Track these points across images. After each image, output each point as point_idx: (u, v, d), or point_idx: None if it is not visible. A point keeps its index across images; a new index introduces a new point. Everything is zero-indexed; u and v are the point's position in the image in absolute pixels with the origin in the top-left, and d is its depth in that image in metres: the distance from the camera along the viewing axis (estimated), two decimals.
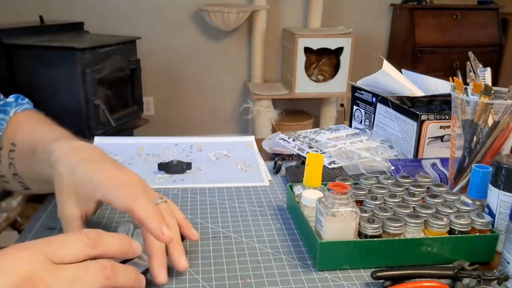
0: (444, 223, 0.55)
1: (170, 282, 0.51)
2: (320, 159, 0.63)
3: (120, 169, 0.53)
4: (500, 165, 0.55)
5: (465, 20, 3.01)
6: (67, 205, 0.52)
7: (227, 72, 3.13)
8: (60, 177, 0.52)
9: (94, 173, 0.51)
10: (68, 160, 0.52)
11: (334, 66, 2.89)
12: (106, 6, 2.84)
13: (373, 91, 0.93)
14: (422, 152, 0.81)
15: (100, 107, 2.13)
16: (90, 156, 0.54)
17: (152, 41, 2.89)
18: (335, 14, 3.12)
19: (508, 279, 0.50)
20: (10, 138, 0.64)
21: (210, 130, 3.20)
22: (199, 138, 0.98)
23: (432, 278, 0.51)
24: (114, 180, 0.50)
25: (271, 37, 3.05)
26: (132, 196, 0.48)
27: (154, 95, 3.06)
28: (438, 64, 2.98)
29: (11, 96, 0.69)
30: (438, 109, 0.84)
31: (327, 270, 0.54)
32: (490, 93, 0.62)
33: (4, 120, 0.66)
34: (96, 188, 0.50)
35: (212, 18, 2.77)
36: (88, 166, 0.52)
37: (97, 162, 0.53)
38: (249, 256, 0.57)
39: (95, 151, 0.56)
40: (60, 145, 0.55)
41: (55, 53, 2.07)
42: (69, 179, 0.51)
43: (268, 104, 2.86)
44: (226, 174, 0.81)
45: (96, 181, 0.50)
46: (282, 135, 0.94)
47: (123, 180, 0.51)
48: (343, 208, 0.53)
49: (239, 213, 0.68)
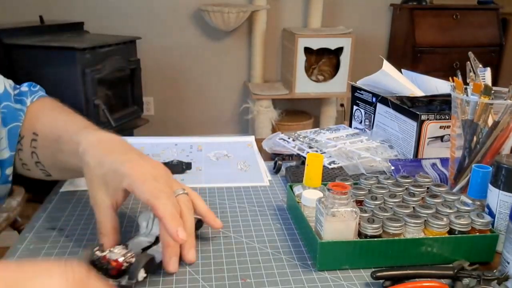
0: (444, 223, 0.55)
1: (170, 282, 0.51)
2: (320, 159, 0.63)
3: (145, 159, 0.56)
4: (500, 165, 0.55)
5: (465, 20, 3.01)
6: (98, 194, 0.54)
7: (227, 72, 3.12)
8: (89, 168, 0.55)
9: (121, 164, 0.54)
10: (96, 151, 0.56)
11: (334, 66, 2.89)
12: (106, 6, 2.84)
13: (373, 91, 0.93)
14: (422, 152, 0.81)
15: (100, 107, 2.13)
16: (117, 147, 0.57)
17: (152, 41, 2.89)
18: (335, 14, 3.12)
19: (508, 279, 0.50)
20: (31, 127, 0.65)
21: (210, 130, 3.20)
22: (199, 138, 0.98)
23: (432, 278, 0.51)
24: (140, 171, 0.53)
25: (271, 37, 3.05)
26: (155, 193, 0.51)
27: (154, 95, 3.06)
28: (438, 64, 2.98)
29: (25, 85, 0.71)
30: (438, 109, 0.84)
31: (327, 270, 0.54)
32: (490, 93, 0.62)
33: (21, 110, 0.67)
34: (123, 178, 0.53)
35: (212, 18, 2.77)
36: (115, 157, 0.55)
37: (123, 153, 0.56)
38: (249, 256, 0.57)
39: (120, 142, 0.59)
40: (86, 136, 0.58)
41: (55, 53, 2.06)
42: (98, 170, 0.54)
43: (268, 104, 2.86)
44: (226, 174, 0.81)
45: (123, 172, 0.53)
46: (282, 135, 0.94)
47: (149, 171, 0.54)
48: (343, 208, 0.53)
49: (239, 213, 0.68)
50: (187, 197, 0.56)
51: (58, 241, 0.59)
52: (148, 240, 0.55)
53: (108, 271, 0.47)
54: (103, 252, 0.49)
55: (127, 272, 0.48)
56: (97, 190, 0.55)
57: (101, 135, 0.59)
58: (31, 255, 0.56)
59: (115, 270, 0.47)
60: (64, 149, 0.60)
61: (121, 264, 0.48)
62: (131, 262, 0.49)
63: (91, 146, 0.56)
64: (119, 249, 0.50)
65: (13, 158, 0.66)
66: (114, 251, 0.49)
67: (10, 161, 0.66)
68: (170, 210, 0.51)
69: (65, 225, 0.63)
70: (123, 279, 0.47)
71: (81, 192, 0.73)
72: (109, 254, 0.48)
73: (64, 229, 0.62)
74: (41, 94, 0.71)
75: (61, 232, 0.61)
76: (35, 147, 0.64)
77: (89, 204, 0.68)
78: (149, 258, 0.50)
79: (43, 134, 0.64)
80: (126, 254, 0.49)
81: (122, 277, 0.47)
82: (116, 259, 0.48)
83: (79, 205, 0.69)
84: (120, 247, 0.50)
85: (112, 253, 0.49)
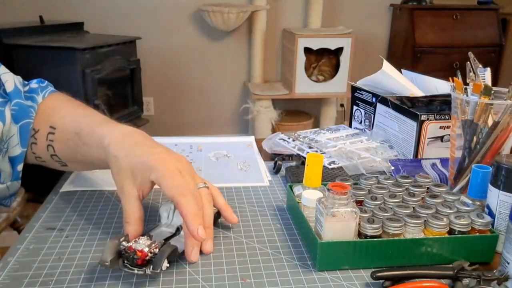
0: (444, 223, 0.55)
1: (170, 282, 0.51)
2: (320, 159, 0.63)
3: (170, 153, 0.59)
4: (500, 165, 0.55)
5: (465, 20, 3.02)
6: (125, 185, 0.57)
7: (227, 72, 3.13)
8: (117, 160, 0.57)
9: (148, 156, 0.57)
10: (123, 144, 0.58)
11: (334, 66, 2.89)
12: (106, 6, 2.84)
13: (373, 91, 0.93)
14: (422, 152, 0.81)
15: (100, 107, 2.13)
16: (142, 140, 0.60)
17: (152, 41, 2.90)
18: (335, 14, 3.12)
19: (508, 279, 0.50)
20: (47, 121, 0.66)
21: (210, 130, 3.20)
22: (199, 138, 0.98)
23: (432, 278, 0.51)
24: (167, 165, 0.56)
25: (271, 37, 3.05)
26: (181, 190, 0.54)
27: (154, 95, 3.07)
28: (438, 64, 2.98)
29: (34, 81, 0.72)
30: (438, 109, 0.84)
31: (327, 270, 0.54)
32: (490, 93, 0.62)
33: (32, 107, 0.68)
34: (150, 170, 0.55)
35: (212, 18, 2.77)
36: (142, 150, 0.58)
37: (149, 146, 0.59)
38: (249, 256, 0.56)
39: (143, 136, 0.62)
40: (110, 129, 0.61)
41: (55, 53, 2.06)
42: (126, 161, 0.57)
43: (268, 104, 2.86)
44: (226, 174, 0.81)
45: (151, 165, 0.56)
46: (282, 135, 0.94)
47: (175, 165, 0.56)
48: (343, 208, 0.53)
49: (239, 213, 0.67)
50: (208, 191, 0.60)
51: (58, 241, 0.59)
52: (169, 231, 0.58)
53: (134, 260, 0.50)
54: (129, 242, 0.52)
55: (151, 262, 0.50)
56: (124, 181, 0.57)
57: (124, 129, 0.62)
58: (31, 255, 0.56)
59: (141, 259, 0.50)
60: (87, 141, 0.62)
61: (146, 254, 0.50)
62: (155, 252, 0.51)
63: (116, 138, 0.59)
64: (144, 239, 0.53)
65: (24, 155, 0.67)
66: (140, 241, 0.52)
67: (21, 157, 0.67)
68: (193, 209, 0.53)
69: (65, 225, 0.63)
70: (148, 268, 0.50)
71: (81, 192, 0.73)
72: (134, 245, 0.51)
73: (64, 229, 0.62)
74: (52, 90, 0.72)
75: (61, 232, 0.61)
76: (52, 140, 0.65)
77: (90, 204, 0.69)
78: (172, 249, 0.52)
79: (62, 127, 0.65)
80: (150, 245, 0.52)
81: (147, 266, 0.50)
82: (141, 249, 0.51)
83: (79, 205, 0.69)
84: (145, 238, 0.53)
85: (138, 243, 0.51)
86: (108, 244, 0.50)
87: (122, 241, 0.51)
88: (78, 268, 0.53)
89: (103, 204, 0.69)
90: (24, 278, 0.51)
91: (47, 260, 0.55)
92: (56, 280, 0.51)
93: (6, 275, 0.52)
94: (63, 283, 0.51)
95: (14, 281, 0.51)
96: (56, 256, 0.56)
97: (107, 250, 0.49)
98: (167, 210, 0.60)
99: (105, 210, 0.67)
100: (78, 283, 0.51)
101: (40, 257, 0.55)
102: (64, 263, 0.54)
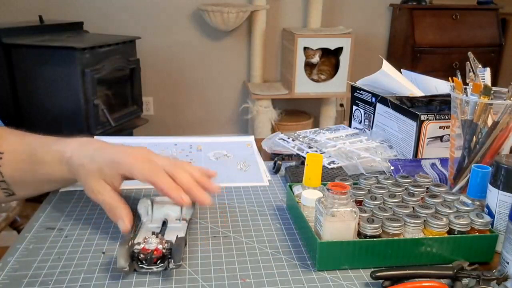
0: (443, 223, 0.55)
1: (169, 282, 0.51)
2: (320, 159, 0.63)
3: (131, 147, 0.62)
4: (500, 165, 0.55)
5: (465, 20, 3.02)
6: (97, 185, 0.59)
7: (227, 72, 3.12)
8: (83, 167, 0.59)
9: (114, 154, 0.60)
10: (84, 152, 0.60)
11: (334, 66, 2.89)
12: (106, 6, 2.84)
13: (372, 91, 0.93)
14: (421, 152, 0.81)
15: (99, 107, 2.13)
16: (101, 145, 0.62)
17: (152, 41, 2.89)
18: (335, 14, 3.12)
19: (507, 279, 0.50)
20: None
21: (210, 130, 3.20)
22: (199, 138, 0.98)
23: (431, 278, 0.51)
24: (131, 156, 0.59)
25: (271, 37, 3.05)
26: (153, 171, 0.58)
27: (153, 95, 3.06)
28: (437, 64, 2.98)
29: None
30: (437, 109, 0.84)
31: (326, 270, 0.54)
32: (490, 93, 0.62)
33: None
34: (118, 165, 0.58)
35: (212, 18, 2.77)
36: (105, 151, 0.60)
37: (110, 147, 0.62)
38: (248, 256, 0.57)
39: (101, 142, 0.64)
40: (67, 143, 0.63)
41: (54, 53, 2.06)
42: (92, 166, 0.59)
43: (267, 104, 2.86)
44: (225, 174, 0.81)
45: (116, 161, 0.59)
46: (281, 135, 0.94)
47: (138, 153, 0.60)
48: (342, 208, 0.53)
49: (239, 213, 0.68)
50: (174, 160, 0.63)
51: (57, 241, 0.59)
52: (156, 226, 0.60)
53: (152, 260, 0.52)
54: (140, 244, 0.54)
55: (166, 257, 0.53)
56: (95, 182, 0.59)
57: (81, 139, 0.64)
58: (30, 255, 0.56)
59: (156, 258, 0.53)
60: (46, 160, 0.62)
61: (161, 252, 0.53)
62: (166, 247, 0.54)
63: (77, 149, 0.61)
64: (152, 239, 0.55)
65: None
66: (149, 241, 0.54)
67: None
68: (168, 182, 0.57)
69: (65, 225, 0.63)
70: (169, 262, 0.52)
71: (80, 192, 0.73)
72: (147, 245, 0.53)
73: (64, 229, 0.62)
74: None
75: (60, 232, 0.61)
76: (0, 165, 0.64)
77: (89, 204, 0.69)
78: (184, 240, 0.55)
79: (11, 151, 0.64)
80: (162, 242, 0.54)
81: (164, 262, 0.53)
82: (156, 248, 0.53)
83: (79, 205, 0.69)
84: (153, 237, 0.55)
85: (149, 243, 0.54)
86: (120, 250, 0.51)
87: (134, 245, 0.53)
88: (77, 268, 0.53)
89: None
90: (24, 278, 0.51)
91: (47, 260, 0.55)
92: (55, 280, 0.51)
93: (5, 275, 0.52)
94: (63, 283, 0.51)
95: (13, 281, 0.51)
96: (56, 256, 0.56)
97: (121, 257, 0.50)
98: (146, 207, 0.62)
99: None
100: (77, 283, 0.51)
101: (40, 257, 0.55)
102: (64, 263, 0.54)
